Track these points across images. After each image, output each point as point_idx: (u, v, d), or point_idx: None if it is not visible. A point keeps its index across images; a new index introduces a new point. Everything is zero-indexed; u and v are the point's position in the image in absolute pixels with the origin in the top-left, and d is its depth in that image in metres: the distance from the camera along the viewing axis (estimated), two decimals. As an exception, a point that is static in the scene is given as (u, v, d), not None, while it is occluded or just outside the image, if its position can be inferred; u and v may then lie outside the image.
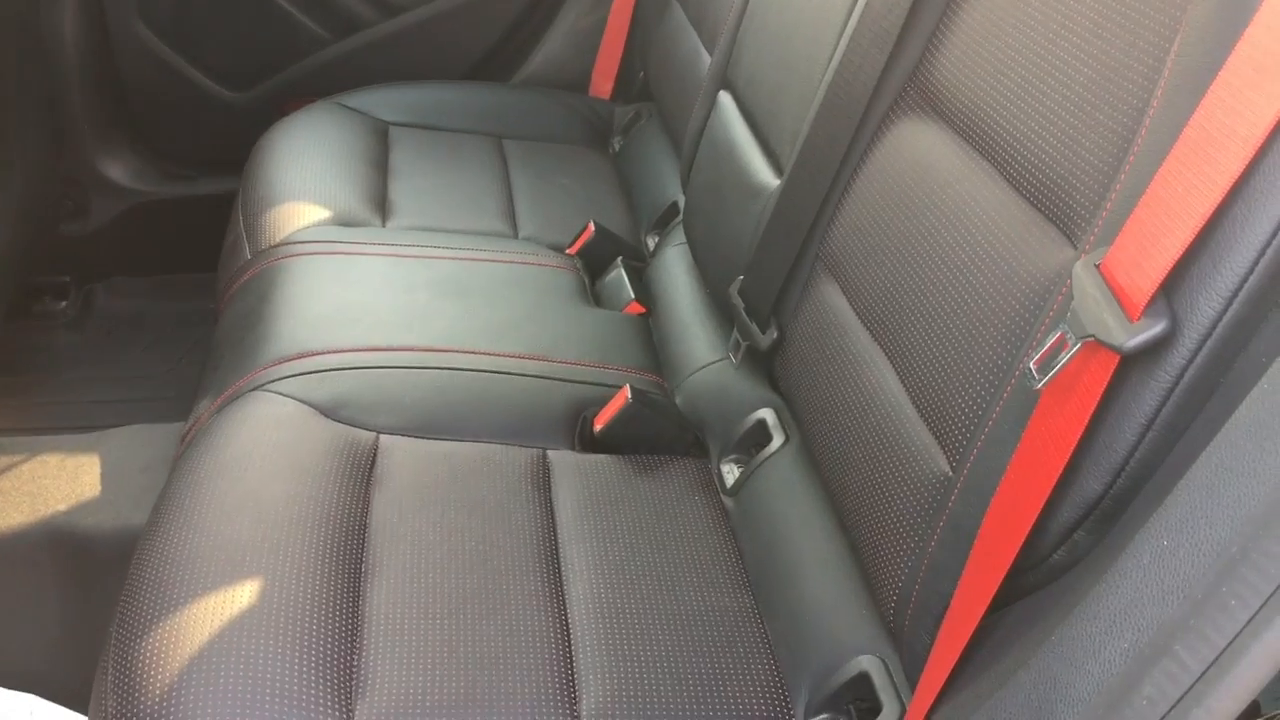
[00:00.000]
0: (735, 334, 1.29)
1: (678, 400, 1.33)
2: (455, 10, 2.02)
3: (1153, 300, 0.63)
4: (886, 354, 0.98)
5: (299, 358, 1.25)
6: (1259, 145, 0.59)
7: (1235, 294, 0.61)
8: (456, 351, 1.30)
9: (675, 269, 1.53)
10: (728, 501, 1.19)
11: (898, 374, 0.96)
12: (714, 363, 1.33)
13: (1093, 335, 0.65)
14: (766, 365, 1.24)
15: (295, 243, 1.46)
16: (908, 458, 0.90)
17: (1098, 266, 0.68)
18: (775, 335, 1.19)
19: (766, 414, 1.22)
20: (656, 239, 1.67)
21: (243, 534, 0.99)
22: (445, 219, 1.61)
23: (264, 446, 1.10)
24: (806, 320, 1.14)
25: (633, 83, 2.04)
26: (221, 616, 0.91)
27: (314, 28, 1.98)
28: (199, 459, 1.09)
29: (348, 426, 1.17)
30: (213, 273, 1.62)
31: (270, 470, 1.06)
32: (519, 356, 1.31)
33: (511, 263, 1.49)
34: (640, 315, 1.47)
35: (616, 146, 1.94)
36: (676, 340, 1.41)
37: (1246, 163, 0.60)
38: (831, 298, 1.09)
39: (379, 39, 2.01)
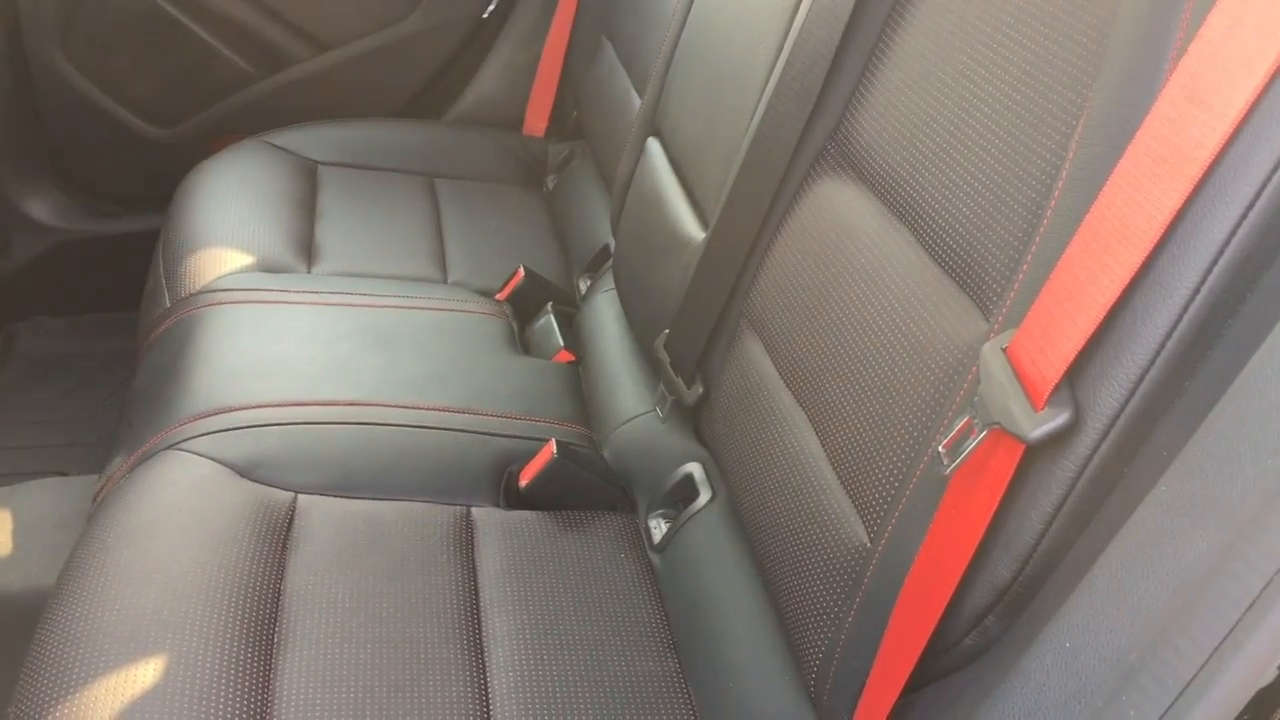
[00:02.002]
0: (662, 388, 1.28)
1: (605, 453, 1.31)
2: (387, 47, 2.00)
3: (1056, 389, 0.63)
4: (808, 416, 0.98)
5: (216, 414, 1.22)
6: (1157, 239, 0.59)
7: (1136, 386, 0.61)
8: (380, 405, 1.27)
9: (605, 316, 1.52)
10: (654, 558, 1.18)
11: (819, 438, 0.95)
12: (642, 415, 1.32)
13: (999, 423, 0.65)
14: (693, 419, 1.23)
15: (216, 290, 1.43)
16: (828, 525, 0.90)
17: (1004, 350, 0.68)
18: (701, 391, 1.18)
19: (694, 468, 1.21)
20: (588, 282, 1.65)
21: (149, 606, 0.96)
22: (373, 263, 1.58)
23: (175, 511, 1.07)
24: (731, 377, 1.13)
25: (567, 120, 2.03)
26: (124, 697, 0.88)
27: (242, 64, 1.95)
28: (108, 524, 1.06)
29: (265, 486, 1.14)
30: (138, 311, 1.59)
31: (181, 537, 1.03)
32: (444, 409, 1.29)
33: (439, 310, 1.47)
34: (569, 364, 1.45)
35: (550, 185, 1.93)
36: (605, 390, 1.40)
37: (1145, 255, 0.60)
38: (755, 356, 1.09)
39: (309, 75, 1.98)
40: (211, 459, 1.15)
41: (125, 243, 1.97)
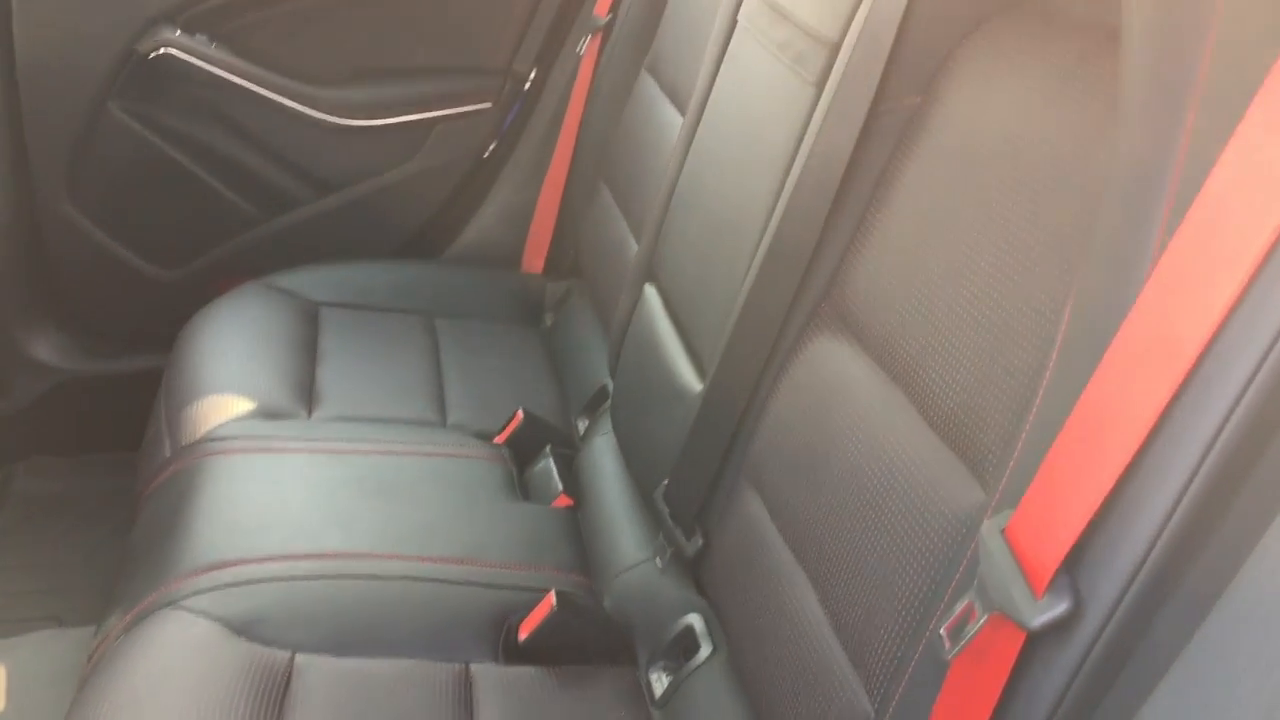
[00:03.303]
0: (661, 537, 1.27)
1: (605, 602, 1.30)
2: (388, 187, 2.04)
3: (1056, 576, 0.63)
4: (809, 577, 0.97)
5: (214, 569, 1.21)
6: (1148, 429, 0.60)
7: (1135, 575, 0.61)
8: (378, 557, 1.27)
9: (604, 459, 1.52)
10: (656, 714, 1.17)
11: (820, 600, 0.95)
12: (642, 563, 1.32)
13: (1000, 609, 0.65)
14: (693, 569, 1.23)
15: (216, 439, 1.43)
16: (830, 691, 0.89)
17: (1003, 532, 0.68)
18: (700, 543, 1.18)
19: (695, 620, 1.20)
20: (587, 423, 1.66)
21: (143, 780, 0.94)
22: (372, 407, 1.59)
23: (171, 677, 1.06)
24: (731, 532, 1.13)
25: (565, 258, 2.06)
26: None
27: (246, 207, 1.99)
28: (102, 691, 1.05)
29: (262, 646, 1.13)
30: (138, 451, 1.59)
31: (177, 706, 1.02)
32: (443, 560, 1.28)
33: (438, 455, 1.48)
34: (568, 509, 1.45)
35: (548, 323, 1.95)
36: (605, 537, 1.40)
37: (1138, 445, 0.61)
38: (755, 511, 1.09)
39: (311, 217, 2.02)
40: (208, 617, 1.15)
41: (127, 383, 1.98)
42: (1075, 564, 0.63)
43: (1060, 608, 0.62)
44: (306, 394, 1.59)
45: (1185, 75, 0.65)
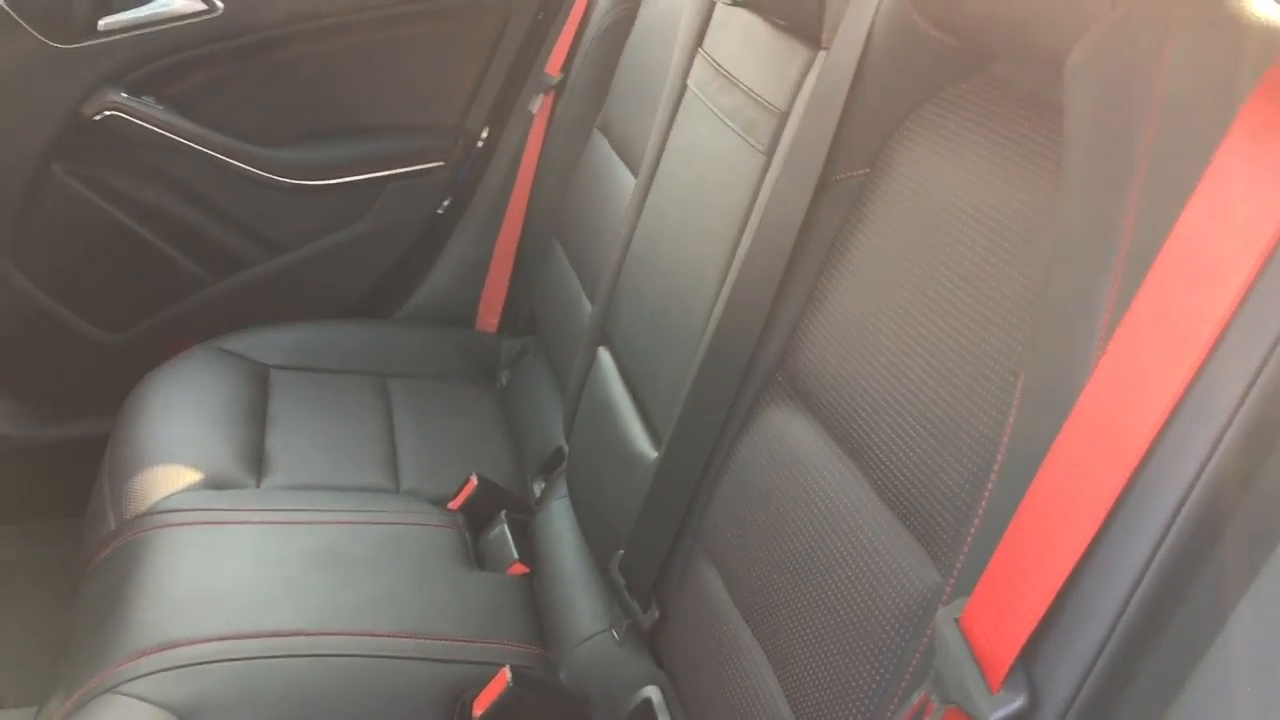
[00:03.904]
0: (618, 608, 1.25)
1: (562, 675, 1.28)
2: (340, 247, 2.02)
3: (1012, 669, 0.62)
4: (766, 655, 0.96)
5: (157, 651, 1.18)
6: (1100, 520, 0.60)
7: (1090, 669, 0.60)
8: (329, 634, 1.24)
9: (560, 524, 1.50)
10: (614, 791, 1.14)
11: (778, 679, 0.93)
12: (599, 634, 1.29)
13: (955, 704, 0.64)
14: (650, 642, 1.21)
15: (161, 512, 1.40)
16: (790, 775, 0.87)
17: (958, 621, 0.67)
18: (657, 615, 1.16)
19: (653, 693, 1.18)
20: (543, 485, 1.64)
21: None
22: (324, 474, 1.57)
23: (111, 770, 1.02)
24: (688, 604, 1.11)
25: (520, 315, 2.05)
26: None
27: (194, 268, 1.96)
28: (39, 786, 1.01)
29: (207, 733, 1.10)
30: (83, 517, 1.55)
31: (115, 801, 0.98)
32: (395, 635, 1.26)
33: (390, 524, 1.45)
34: (524, 577, 1.43)
35: (503, 381, 1.94)
36: (561, 607, 1.37)
37: (1089, 537, 0.60)
38: (712, 584, 1.07)
39: (262, 278, 2.00)
40: (152, 703, 1.11)
41: (74, 448, 1.94)
42: (1031, 656, 0.62)
43: (1016, 703, 0.61)
44: (256, 462, 1.56)
45: (1127, 159, 0.65)
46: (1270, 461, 0.57)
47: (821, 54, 1.08)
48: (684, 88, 1.38)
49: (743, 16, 1.27)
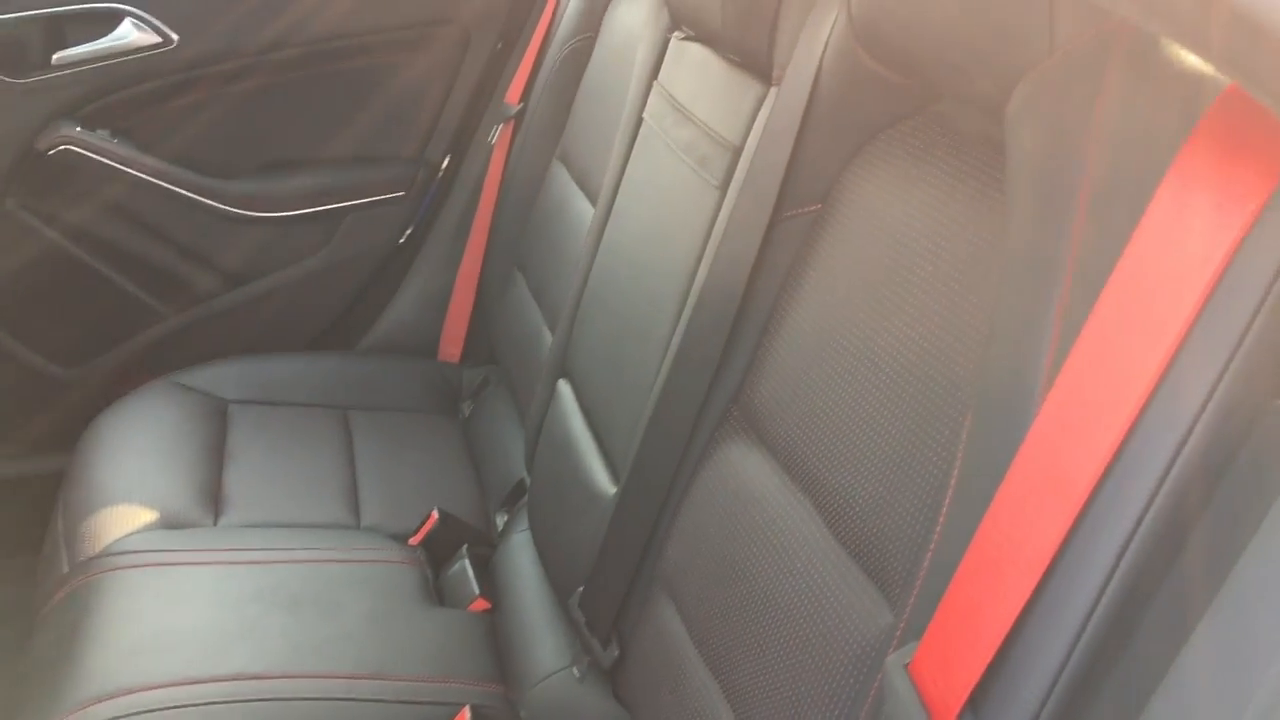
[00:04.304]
0: (578, 645, 1.25)
1: (522, 714, 1.27)
2: (300, 279, 2.01)
3: (960, 717, 0.62)
4: (724, 695, 0.95)
5: (111, 698, 1.16)
6: (1044, 568, 0.60)
7: (1037, 716, 0.60)
8: (286, 677, 1.22)
9: (521, 558, 1.49)
10: (576, 833, 1.13)
11: (735, 718, 0.93)
12: (559, 671, 1.28)
13: (906, 752, 0.64)
14: (612, 679, 1.20)
15: (115, 554, 1.38)
16: (748, 817, 0.87)
17: (907, 668, 0.67)
18: (617, 652, 1.15)
19: (614, 731, 1.18)
20: (505, 518, 1.63)
21: None
22: (282, 511, 1.55)
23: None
24: (647, 642, 1.11)
25: (482, 345, 2.04)
26: None
27: (152, 302, 1.94)
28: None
29: (159, 784, 1.08)
30: (38, 556, 1.53)
31: None
32: (353, 677, 1.24)
33: (350, 562, 1.43)
34: (485, 613, 1.42)
35: (466, 412, 1.93)
36: (521, 644, 1.36)
37: (1034, 584, 0.60)
38: (671, 622, 1.07)
39: (221, 311, 1.98)
40: (104, 754, 1.09)
41: (31, 485, 1.91)
42: (979, 703, 0.62)
43: (964, 752, 0.61)
44: (213, 500, 1.54)
45: (1067, 204, 0.66)
46: (1210, 508, 0.57)
47: (773, 90, 1.08)
48: (640, 120, 1.38)
49: (697, 51, 1.27)
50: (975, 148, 0.84)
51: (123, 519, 1.45)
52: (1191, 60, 0.59)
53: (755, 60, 1.11)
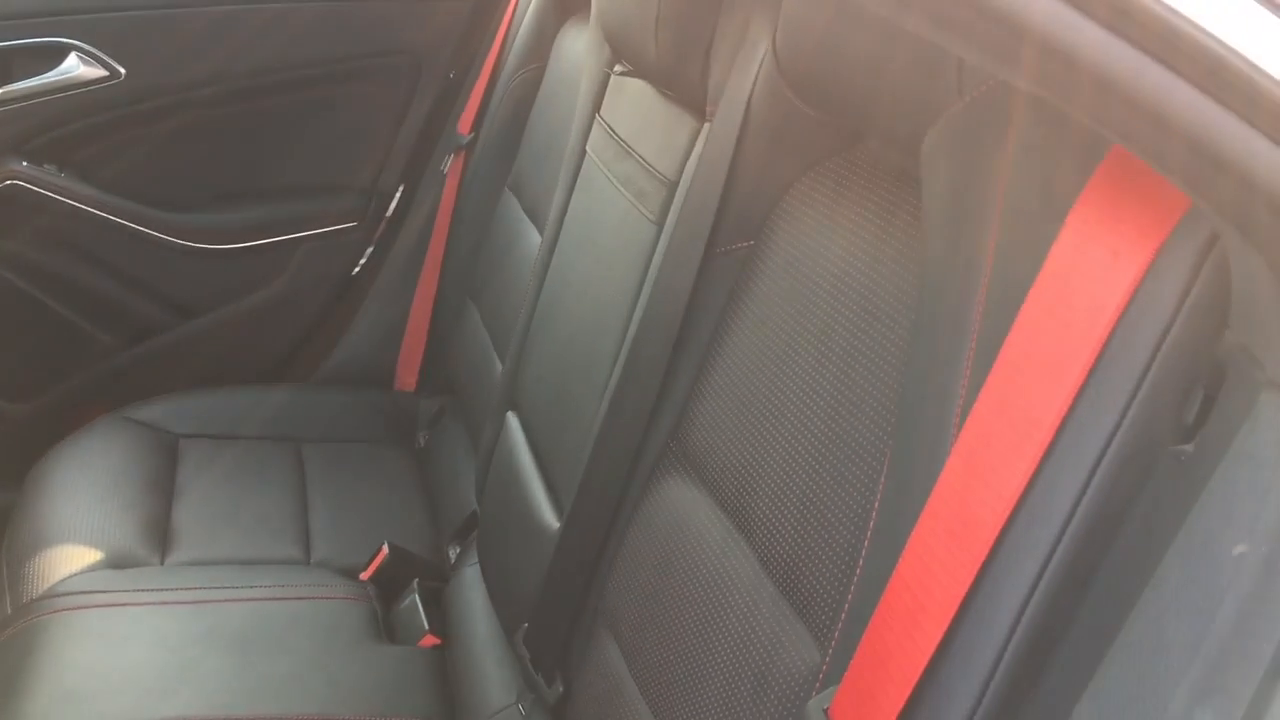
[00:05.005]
0: (523, 682, 1.24)
1: (470, 752, 1.26)
2: (253, 311, 2.00)
3: (875, 764, 0.62)
4: (663, 733, 0.95)
5: (49, 745, 1.15)
6: (953, 612, 0.60)
7: (951, 761, 0.60)
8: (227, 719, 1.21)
9: (472, 592, 1.48)
10: None
11: (674, 758, 0.92)
12: (506, 708, 1.28)
13: (821, 798, 0.64)
14: (557, 717, 1.19)
15: (59, 595, 1.36)
16: None
17: (826, 711, 0.67)
18: (561, 690, 1.15)
19: (560, 769, 1.17)
20: (458, 550, 1.62)
21: None
22: (231, 548, 1.54)
23: None
24: (590, 680, 1.10)
25: (439, 374, 2.03)
26: None
27: (102, 336, 1.92)
28: None
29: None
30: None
31: None
32: (301, 718, 1.23)
33: (298, 599, 1.42)
34: (434, 649, 1.41)
35: (422, 442, 1.92)
36: (469, 681, 1.35)
37: (944, 629, 0.60)
38: (613, 660, 1.06)
39: (172, 344, 1.96)
40: (40, 803, 1.08)
41: (-24, 522, 1.89)
42: (894, 750, 0.62)
43: (879, 799, 0.61)
44: (160, 538, 1.53)
45: (977, 247, 0.66)
46: (1113, 551, 0.57)
47: (707, 125, 1.09)
48: (584, 153, 1.38)
49: (636, 85, 1.27)
50: (900, 185, 0.84)
51: (67, 559, 1.43)
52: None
53: (689, 94, 1.12)
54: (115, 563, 1.45)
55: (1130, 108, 0.48)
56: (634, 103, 1.27)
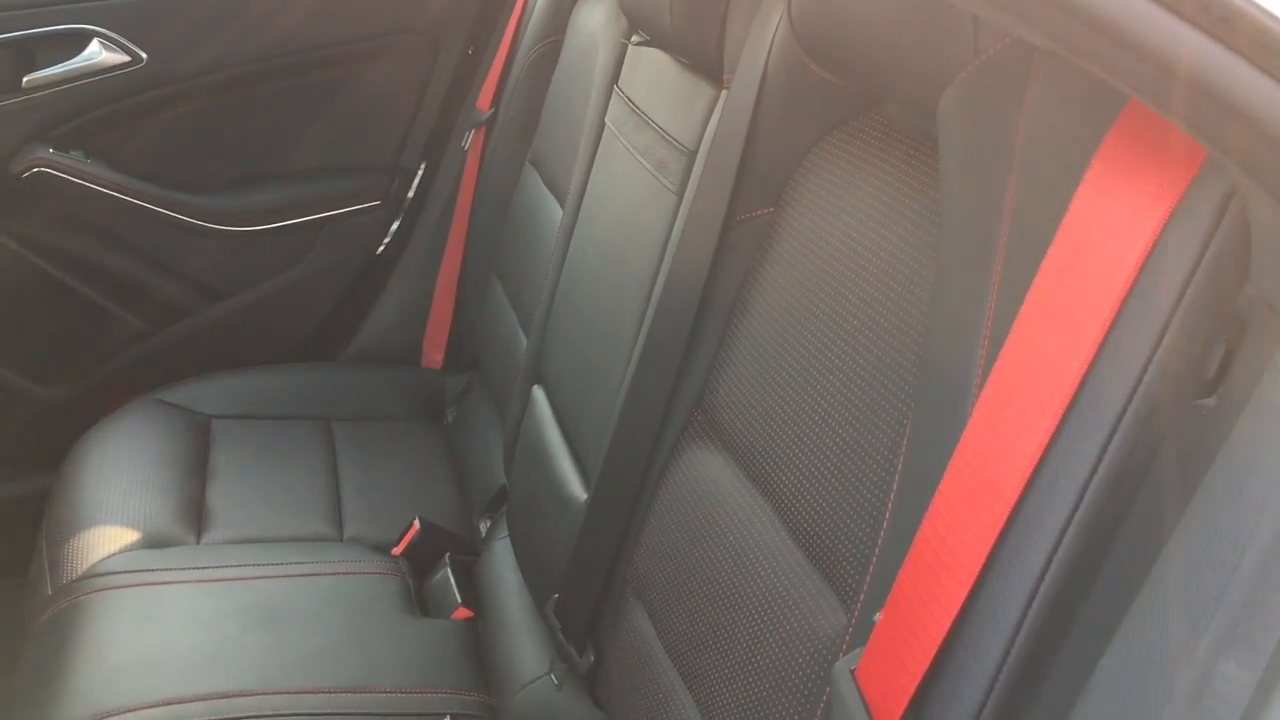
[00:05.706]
0: (555, 652, 1.25)
1: (505, 720, 1.28)
2: (280, 292, 2.01)
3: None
4: (694, 700, 0.96)
5: (94, 720, 1.17)
6: (977, 571, 0.60)
7: (977, 718, 0.60)
8: (268, 693, 1.23)
9: (503, 564, 1.50)
10: (558, 838, 1.14)
11: (704, 721, 0.93)
12: (540, 678, 1.29)
13: (850, 757, 0.64)
14: (589, 684, 1.21)
15: (99, 575, 1.39)
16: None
17: (853, 673, 0.68)
18: (592, 659, 1.16)
19: (594, 736, 1.18)
20: (489, 524, 1.64)
21: None
22: (264, 526, 1.55)
23: None
24: (620, 648, 1.11)
25: (466, 350, 2.04)
26: None
27: (133, 320, 1.94)
28: None
29: (140, 806, 1.09)
30: (25, 576, 1.54)
31: None
32: (336, 691, 1.25)
33: (332, 575, 1.44)
34: (468, 622, 1.42)
35: (450, 418, 1.93)
36: (503, 651, 1.37)
37: (968, 588, 0.60)
38: (642, 627, 1.07)
39: (201, 327, 1.99)
40: (85, 778, 1.10)
41: (15, 507, 1.92)
42: (920, 708, 0.63)
43: (906, 756, 0.62)
44: (196, 517, 1.55)
45: (995, 205, 0.66)
46: (1136, 507, 0.57)
47: (724, 93, 1.08)
48: (603, 125, 1.38)
49: (653, 55, 1.27)
50: (919, 148, 0.84)
51: (105, 540, 1.46)
52: (1102, 65, 0.59)
53: (705, 63, 1.11)
54: (152, 543, 1.47)
55: (1142, 58, 0.47)
56: (651, 73, 1.27)
